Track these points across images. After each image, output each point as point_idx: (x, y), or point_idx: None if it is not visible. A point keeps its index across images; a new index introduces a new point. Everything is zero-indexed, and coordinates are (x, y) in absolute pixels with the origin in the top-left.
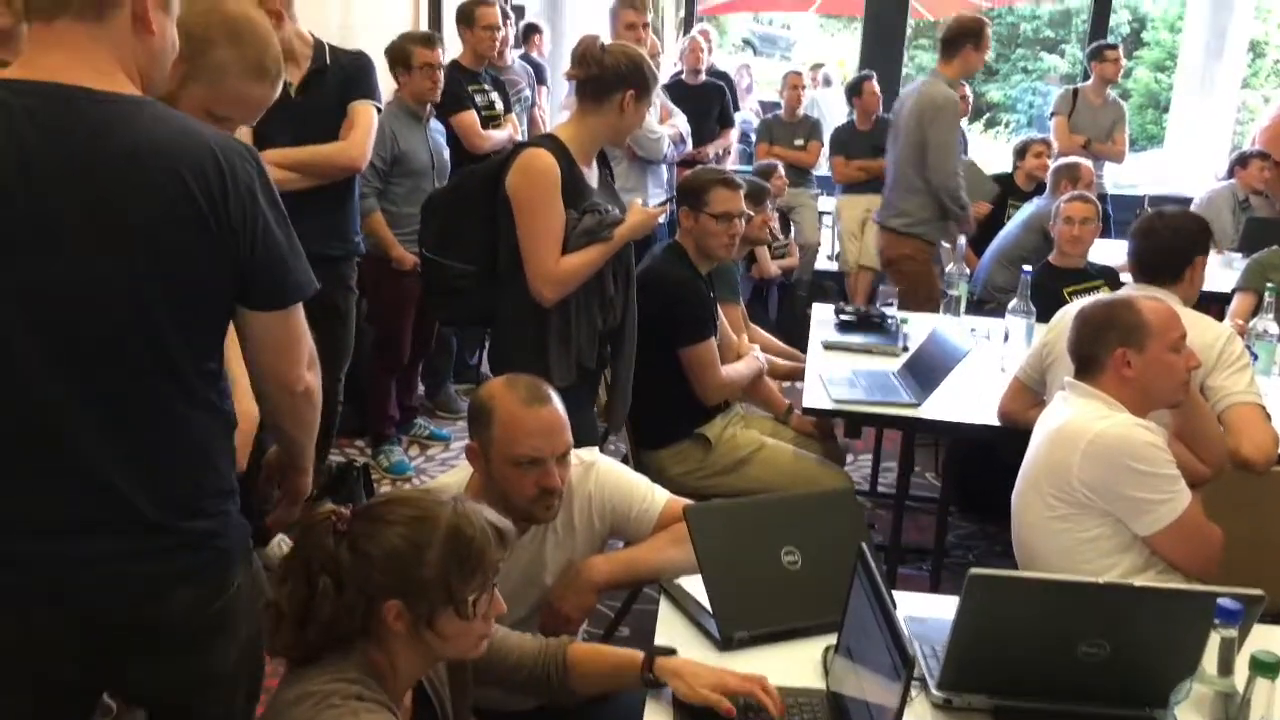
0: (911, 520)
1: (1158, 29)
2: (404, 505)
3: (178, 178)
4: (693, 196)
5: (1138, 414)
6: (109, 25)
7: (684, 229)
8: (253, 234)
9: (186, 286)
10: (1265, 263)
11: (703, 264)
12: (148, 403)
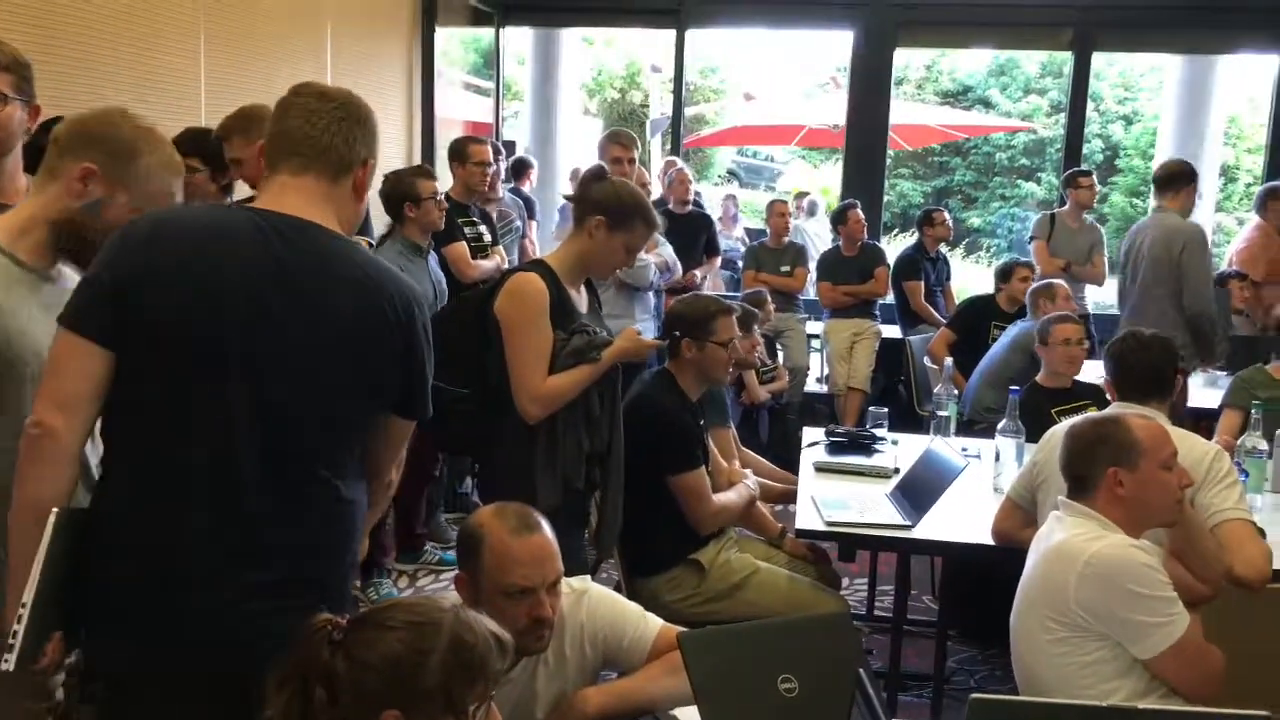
0: (910, 645)
1: (1130, 156)
2: (405, 611)
3: (384, 304)
4: (698, 326)
5: (1132, 533)
6: (340, 187)
7: (684, 359)
8: (419, 357)
9: (371, 397)
10: (1250, 380)
11: (694, 391)
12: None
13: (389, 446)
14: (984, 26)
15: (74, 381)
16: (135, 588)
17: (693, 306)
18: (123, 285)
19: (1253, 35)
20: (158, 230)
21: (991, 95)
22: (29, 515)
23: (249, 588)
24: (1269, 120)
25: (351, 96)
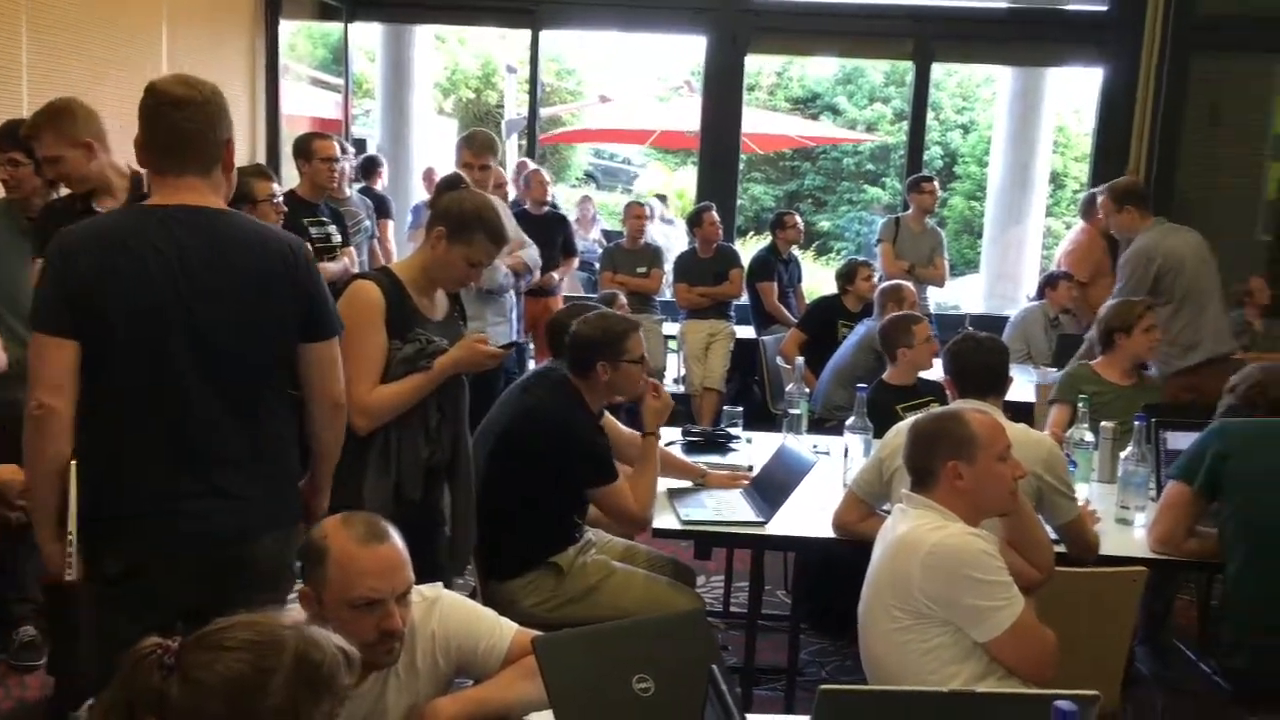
0: (766, 639)
1: (968, 163)
2: (244, 629)
3: (270, 255)
4: (611, 348)
5: (970, 523)
6: (215, 173)
7: (599, 380)
8: (307, 289)
9: (279, 323)
10: (1076, 376)
11: (597, 406)
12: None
13: (316, 371)
14: (830, 35)
15: (56, 367)
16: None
17: (602, 328)
18: (70, 289)
19: (1078, 49)
20: (85, 239)
21: (839, 102)
22: (51, 472)
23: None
24: (1093, 130)
25: (204, 93)
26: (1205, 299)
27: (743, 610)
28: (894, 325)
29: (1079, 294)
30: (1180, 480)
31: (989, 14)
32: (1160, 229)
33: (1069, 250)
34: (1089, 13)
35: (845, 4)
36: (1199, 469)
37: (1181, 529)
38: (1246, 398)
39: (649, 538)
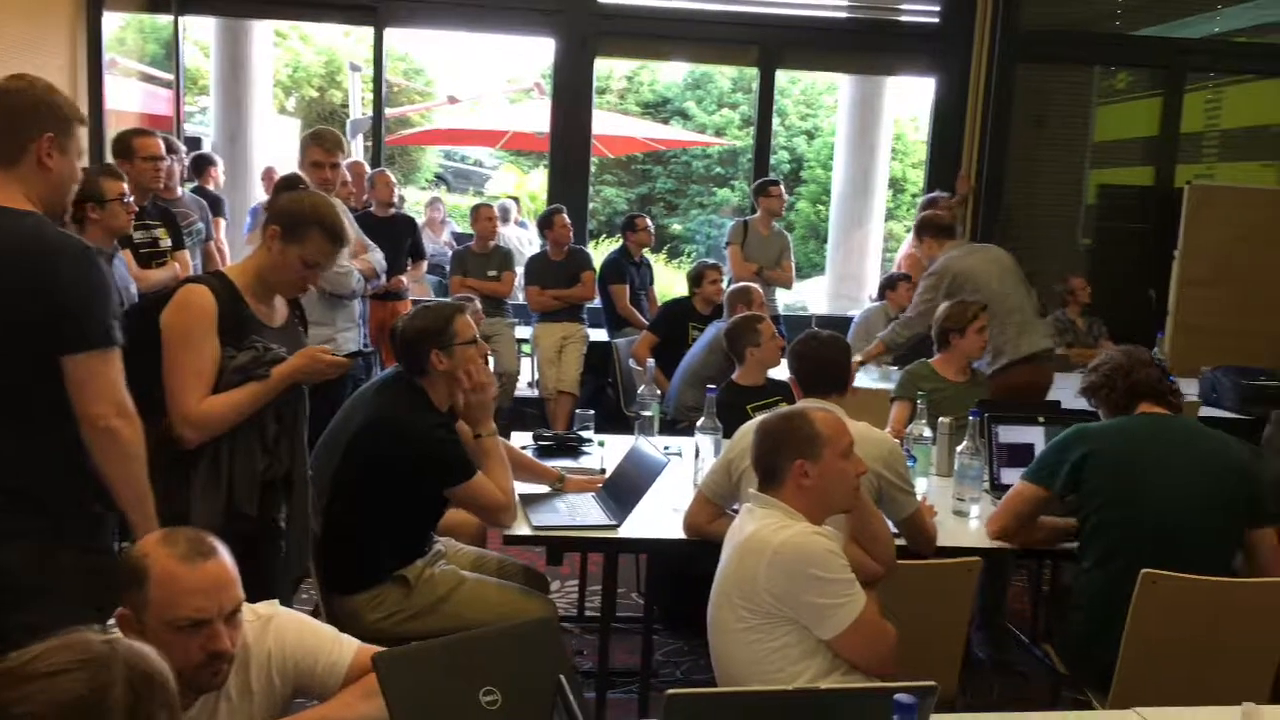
0: (621, 642)
1: (813, 168)
2: (61, 652)
3: (17, 255)
4: (441, 335)
5: (815, 521)
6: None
7: (437, 371)
8: (55, 296)
9: (21, 333)
10: (916, 374)
11: (445, 402)
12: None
13: (73, 388)
14: (678, 41)
15: None
16: None
17: (427, 317)
18: None
19: (912, 59)
20: None
21: (689, 107)
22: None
23: None
24: (928, 137)
25: (6, 85)
26: (1005, 309)
27: (598, 614)
28: (739, 326)
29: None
30: (1033, 483)
31: (829, 23)
32: (957, 251)
33: (907, 253)
34: (922, 24)
35: (692, 10)
36: (1057, 474)
37: (1021, 525)
38: (1108, 378)
39: (500, 545)
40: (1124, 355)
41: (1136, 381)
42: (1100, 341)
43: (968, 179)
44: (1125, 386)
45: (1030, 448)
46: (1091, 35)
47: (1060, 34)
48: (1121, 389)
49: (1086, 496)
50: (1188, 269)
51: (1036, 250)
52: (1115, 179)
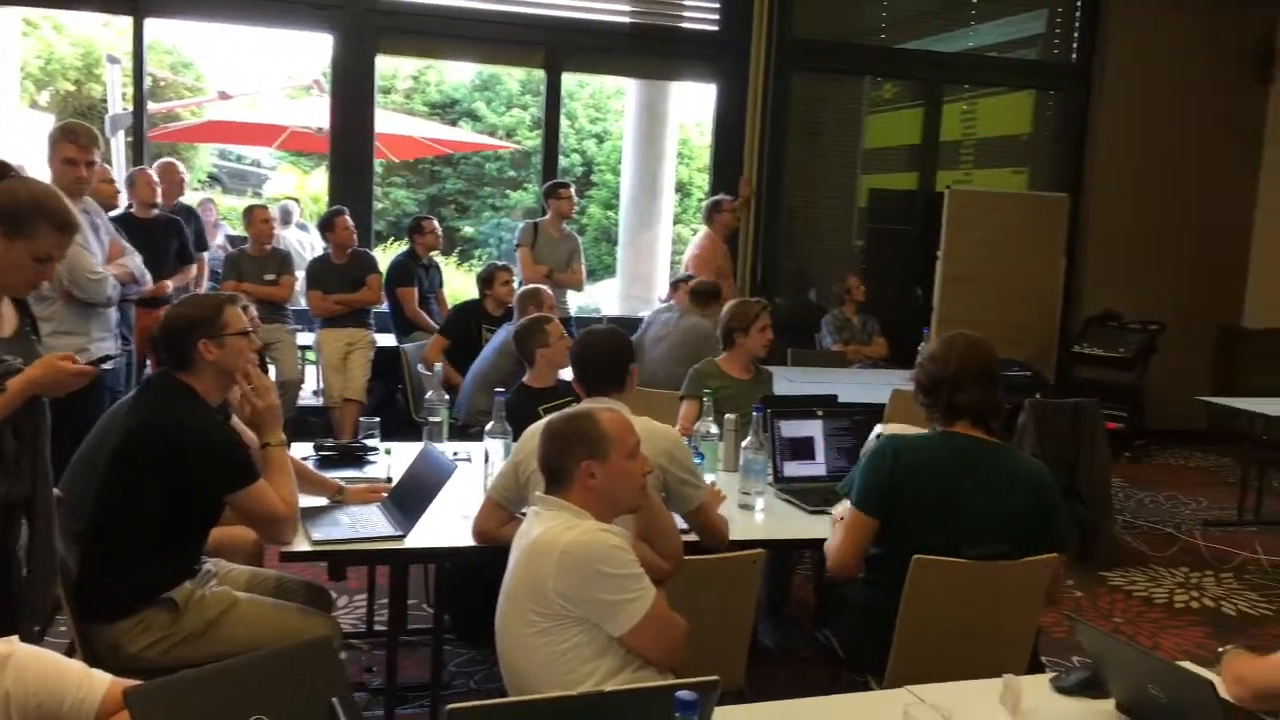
0: (413, 656)
1: (603, 171)
2: None
3: None
4: (210, 324)
5: (604, 521)
6: None
7: (205, 362)
8: None
9: None
10: (703, 372)
11: (216, 396)
12: None
13: None
14: (463, 41)
15: None
16: None
17: (195, 305)
18: None
19: (694, 65)
20: None
21: (478, 108)
22: None
23: None
24: (711, 142)
25: None
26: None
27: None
28: (528, 328)
29: None
30: (858, 509)
31: (614, 28)
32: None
33: (694, 254)
34: (702, 32)
35: (477, 10)
36: (878, 495)
37: (862, 553)
38: (944, 361)
39: (278, 562)
40: (954, 369)
41: (959, 403)
42: (874, 338)
43: (749, 183)
44: (946, 404)
45: (810, 441)
46: (860, 47)
47: (831, 45)
48: (944, 405)
49: (894, 510)
50: (949, 268)
51: (816, 251)
52: (884, 184)
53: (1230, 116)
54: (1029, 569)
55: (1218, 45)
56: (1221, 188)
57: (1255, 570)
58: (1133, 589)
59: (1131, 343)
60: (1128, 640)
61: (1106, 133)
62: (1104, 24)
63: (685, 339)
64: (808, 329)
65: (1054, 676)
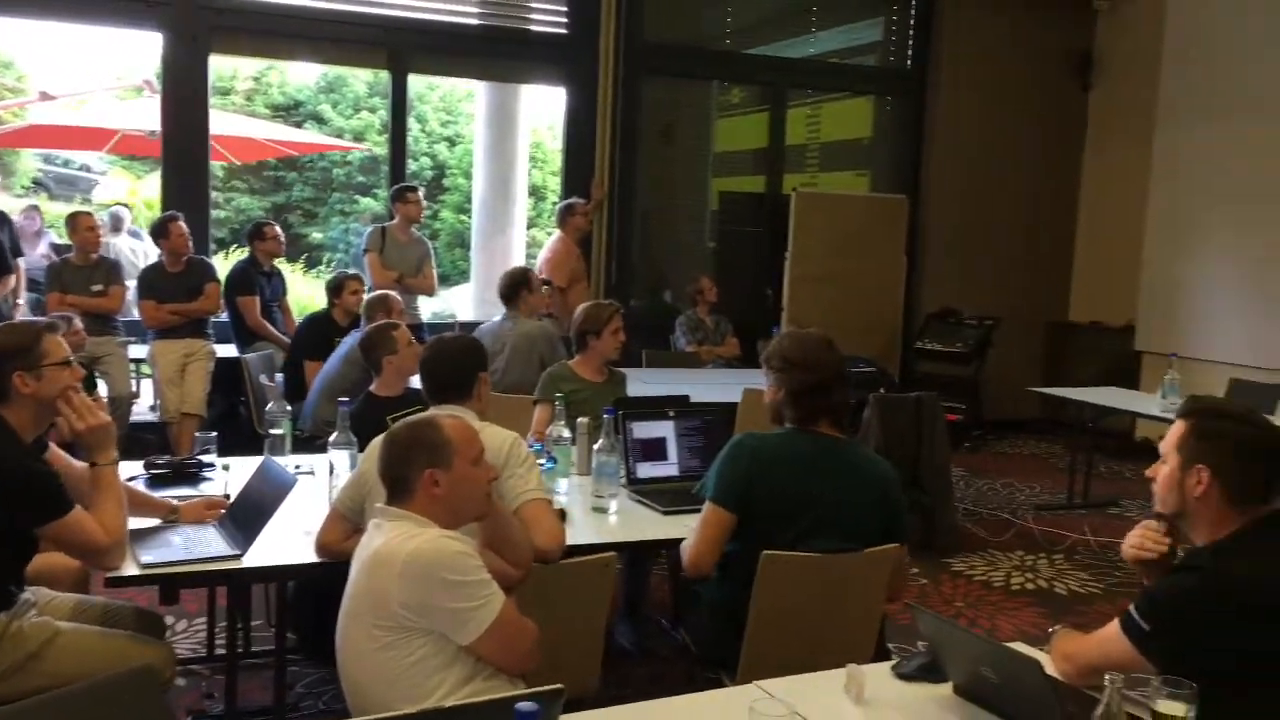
0: (258, 679)
1: (455, 175)
2: None
3: None
4: (26, 354)
5: (448, 530)
6: None
7: (21, 395)
8: None
9: None
10: (556, 376)
11: (30, 430)
12: None
13: None
14: (303, 40)
15: None
16: None
17: (9, 334)
18: None
19: (543, 68)
20: None
21: (324, 111)
22: None
23: None
24: (563, 146)
25: None
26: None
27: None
28: (374, 334)
29: (558, 298)
30: (717, 505)
31: (460, 29)
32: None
33: (548, 258)
34: (551, 34)
35: (317, 9)
36: (735, 490)
37: (716, 550)
38: (810, 368)
39: (103, 588)
40: (817, 372)
41: (830, 405)
42: (726, 339)
43: (601, 186)
44: (811, 407)
45: (663, 441)
46: (707, 52)
47: (679, 49)
48: (808, 408)
49: (750, 515)
50: (797, 268)
51: (670, 253)
52: (734, 186)
53: (1055, 120)
54: (873, 560)
55: (1042, 53)
56: (1048, 189)
57: (1084, 551)
58: (973, 574)
59: (969, 338)
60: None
61: (940, 136)
62: (935, 33)
63: (525, 344)
64: (662, 330)
65: (895, 664)
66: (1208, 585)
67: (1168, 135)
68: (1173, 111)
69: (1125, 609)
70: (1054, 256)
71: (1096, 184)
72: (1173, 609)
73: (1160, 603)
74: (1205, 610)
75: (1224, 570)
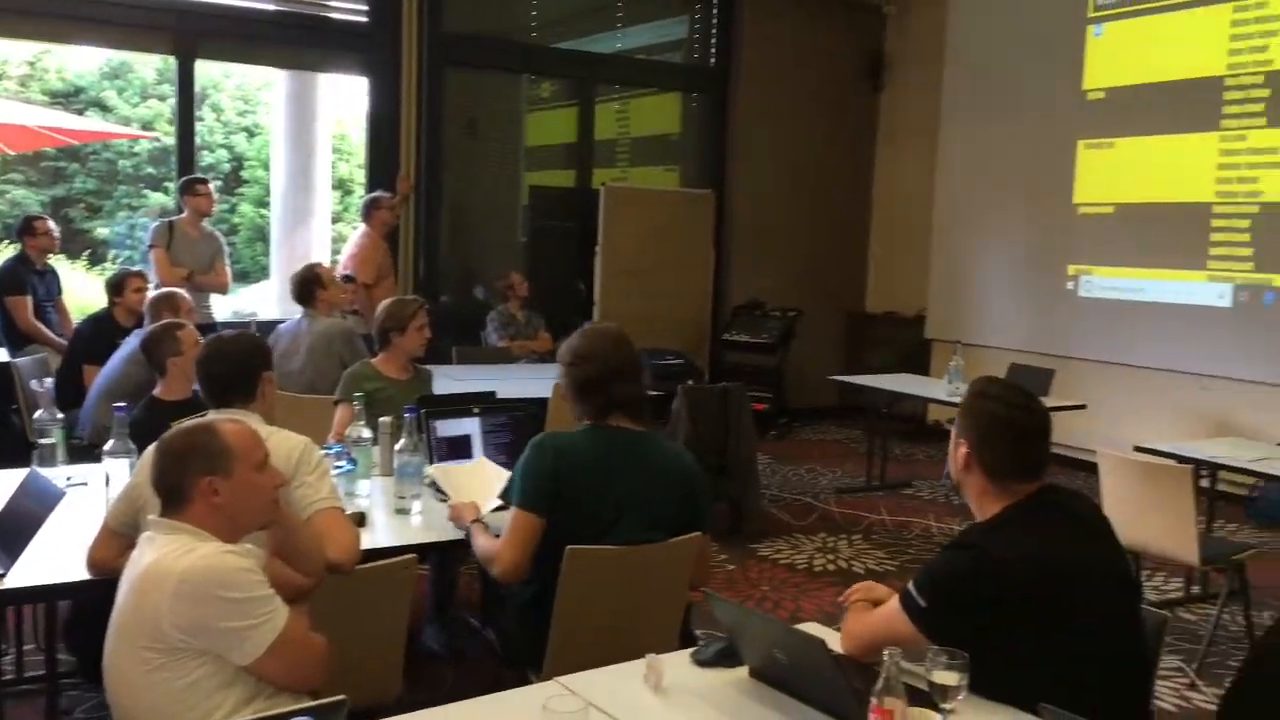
0: (32, 705)
1: (255, 167)
2: None
3: None
4: None
5: (230, 541)
6: None
7: None
8: None
9: None
10: (358, 375)
11: None
12: None
13: None
14: (79, 21)
15: None
16: None
17: None
18: None
19: (343, 57)
20: None
21: (108, 98)
22: None
23: None
24: (365, 137)
25: None
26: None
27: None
28: (157, 335)
29: (363, 295)
30: (525, 510)
31: (253, 14)
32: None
33: (352, 253)
34: (351, 22)
35: None
36: (544, 493)
37: (528, 553)
38: (593, 359)
39: None
40: (605, 366)
41: (616, 398)
42: (539, 333)
43: (407, 179)
44: (602, 401)
45: (468, 439)
46: (514, 44)
47: (485, 41)
48: (599, 402)
49: (556, 514)
50: (608, 262)
51: (481, 247)
52: (545, 180)
53: (850, 119)
54: (675, 550)
55: (836, 55)
56: (845, 184)
57: (880, 530)
58: (778, 558)
59: (773, 329)
60: (752, 609)
61: (743, 133)
62: (736, 32)
63: (322, 343)
64: (474, 326)
65: (694, 651)
66: (979, 564)
67: (951, 134)
68: (955, 112)
69: (904, 587)
70: (851, 250)
71: (888, 180)
72: (947, 586)
73: (936, 579)
74: (976, 588)
75: (993, 549)
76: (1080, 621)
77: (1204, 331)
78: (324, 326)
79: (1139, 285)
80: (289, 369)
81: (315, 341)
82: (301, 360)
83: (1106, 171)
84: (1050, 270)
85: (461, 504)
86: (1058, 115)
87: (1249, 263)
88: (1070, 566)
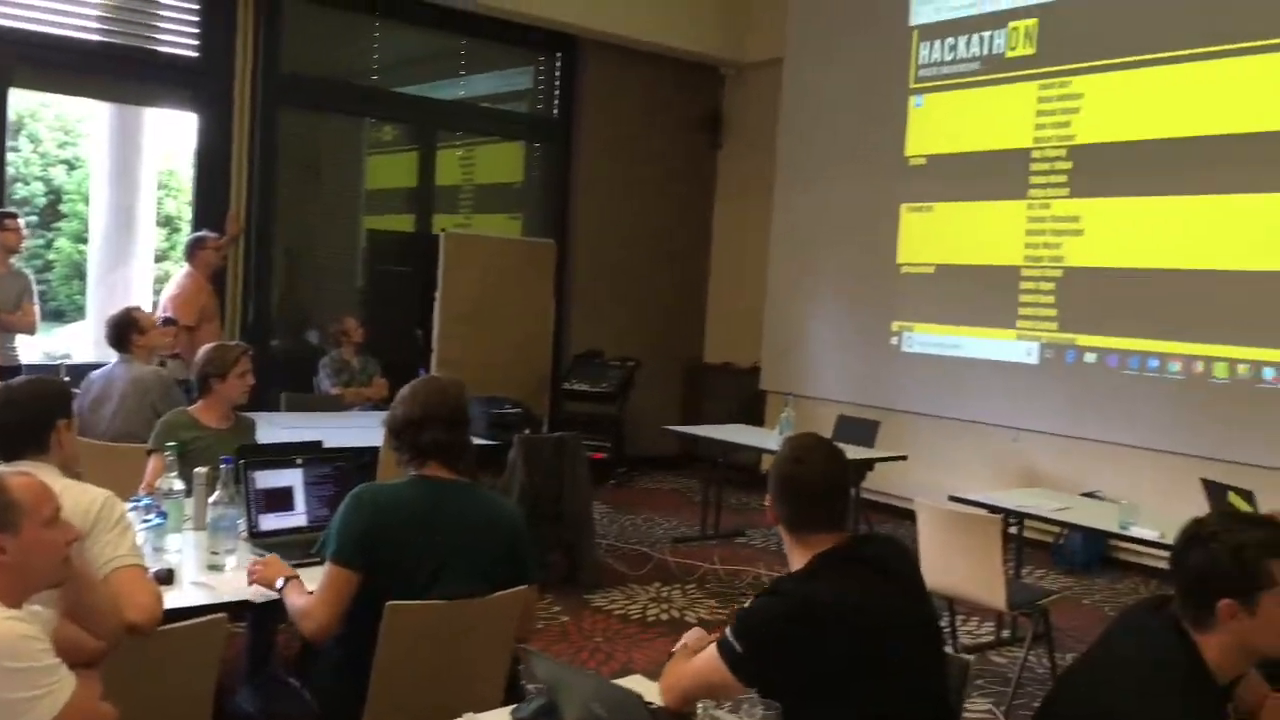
0: None
1: (75, 202)
2: None
3: None
4: None
5: (14, 602)
6: None
7: None
8: None
9: None
10: (173, 424)
11: None
12: None
13: None
14: None
15: None
16: None
17: None
18: None
19: (171, 92)
20: None
21: None
22: None
23: None
24: (194, 175)
25: None
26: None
27: None
28: None
29: (185, 338)
30: (339, 564)
31: (75, 44)
32: None
33: (174, 294)
34: (181, 57)
35: None
36: (360, 548)
37: (341, 612)
38: (411, 404)
39: None
40: (421, 412)
41: (425, 444)
42: (374, 380)
43: (237, 219)
44: (413, 446)
45: (290, 490)
46: (353, 87)
47: (323, 83)
48: (411, 447)
49: (378, 569)
50: (447, 309)
51: (316, 292)
52: (384, 225)
53: (689, 175)
54: (499, 604)
55: (676, 112)
56: (685, 237)
57: (713, 579)
58: (613, 608)
59: (613, 378)
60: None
61: (585, 184)
62: (578, 85)
63: (136, 390)
64: (307, 372)
65: (514, 709)
66: (793, 609)
67: (784, 193)
68: (788, 172)
69: (721, 633)
70: (690, 301)
71: (726, 235)
72: (762, 631)
73: (752, 625)
74: (791, 632)
75: (805, 595)
76: (889, 667)
77: (1015, 386)
78: (139, 373)
79: (956, 341)
80: (101, 415)
81: (129, 389)
82: (114, 407)
83: (927, 233)
84: (876, 326)
85: (264, 561)
86: (882, 179)
87: (1054, 322)
88: (877, 616)
